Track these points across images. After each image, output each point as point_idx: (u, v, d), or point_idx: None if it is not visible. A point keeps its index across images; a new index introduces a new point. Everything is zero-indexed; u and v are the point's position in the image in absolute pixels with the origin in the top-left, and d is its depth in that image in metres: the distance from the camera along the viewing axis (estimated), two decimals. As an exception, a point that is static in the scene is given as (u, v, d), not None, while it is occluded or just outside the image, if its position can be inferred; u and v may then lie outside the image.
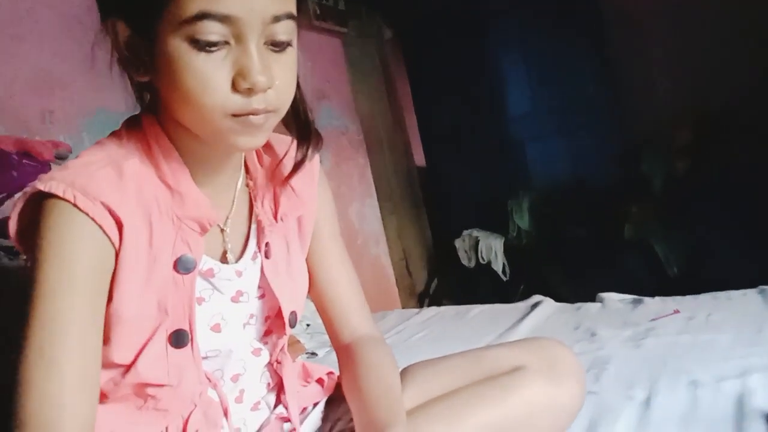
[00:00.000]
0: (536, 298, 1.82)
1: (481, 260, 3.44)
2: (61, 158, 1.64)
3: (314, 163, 0.89)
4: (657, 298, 1.64)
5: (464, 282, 3.44)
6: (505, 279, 3.35)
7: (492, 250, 3.44)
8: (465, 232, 3.49)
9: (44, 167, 1.52)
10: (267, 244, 0.82)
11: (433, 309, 1.99)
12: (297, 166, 0.80)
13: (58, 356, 0.62)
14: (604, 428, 1.02)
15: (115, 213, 0.66)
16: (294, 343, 1.64)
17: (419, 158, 3.73)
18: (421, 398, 0.87)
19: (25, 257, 0.71)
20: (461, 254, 3.52)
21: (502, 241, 3.40)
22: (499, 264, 3.40)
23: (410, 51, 3.68)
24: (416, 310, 2.02)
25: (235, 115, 0.65)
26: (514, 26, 3.36)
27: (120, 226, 0.66)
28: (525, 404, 0.86)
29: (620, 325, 1.49)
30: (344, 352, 0.91)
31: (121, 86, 0.73)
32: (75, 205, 0.64)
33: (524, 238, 3.35)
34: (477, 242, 3.47)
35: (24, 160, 1.52)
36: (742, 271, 1.83)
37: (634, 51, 2.92)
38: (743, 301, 1.50)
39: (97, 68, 0.72)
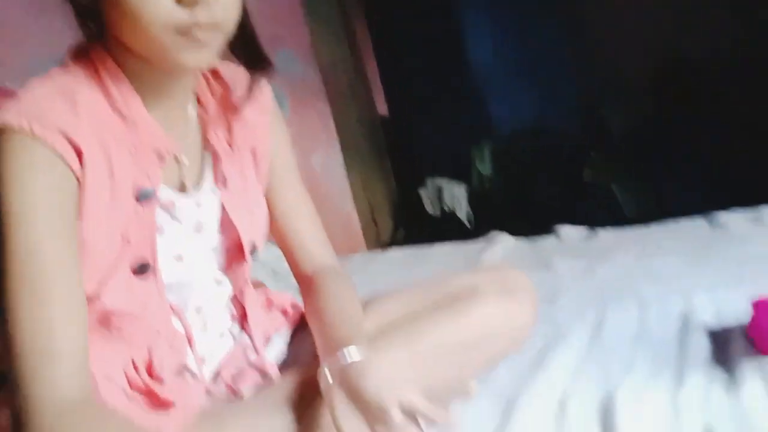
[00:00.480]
0: (494, 233, 1.86)
1: (445, 208, 3.48)
2: (9, 107, 1.60)
3: (266, 95, 0.89)
4: (610, 230, 1.69)
5: (430, 230, 3.48)
6: (469, 226, 3.40)
7: (456, 198, 3.47)
8: (429, 181, 3.51)
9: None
10: (223, 175, 0.82)
11: (397, 250, 2.02)
12: (249, 93, 0.80)
13: (43, 284, 0.62)
14: (557, 350, 1.06)
15: (74, 141, 0.65)
16: (259, 286, 1.65)
17: (382, 108, 3.71)
18: (382, 324, 0.89)
19: None
20: (426, 203, 3.55)
21: (466, 188, 3.44)
22: (463, 212, 3.44)
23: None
24: (380, 251, 2.05)
25: (180, 32, 0.64)
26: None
27: (80, 154, 0.66)
28: (481, 323, 0.89)
29: (574, 255, 1.54)
30: (305, 282, 0.93)
31: (71, 32, 0.71)
32: (32, 135, 0.63)
33: (487, 184, 3.40)
34: (441, 190, 3.50)
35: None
36: (692, 200, 1.89)
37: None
38: (692, 228, 1.56)
39: (47, 13, 0.70)
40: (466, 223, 3.41)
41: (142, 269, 0.72)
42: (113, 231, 0.70)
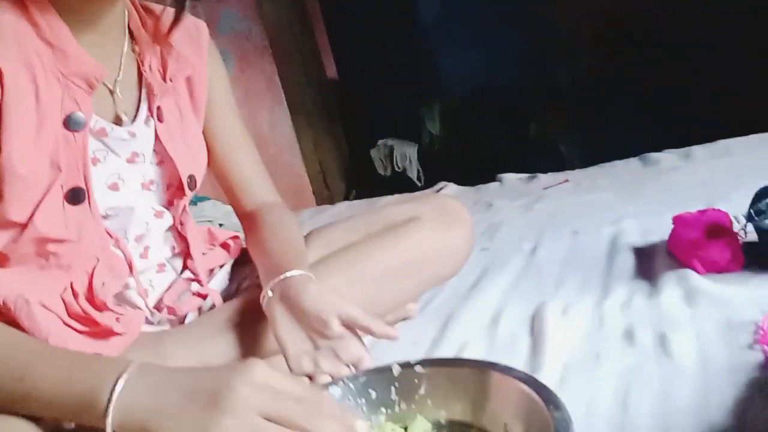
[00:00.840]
0: (441, 184, 1.89)
1: (396, 168, 3.51)
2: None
3: (201, 31, 0.89)
4: (550, 174, 1.75)
5: (381, 191, 3.51)
6: (419, 185, 3.44)
7: (406, 157, 3.50)
8: (380, 142, 3.52)
9: None
10: (159, 108, 0.82)
11: (346, 203, 2.04)
12: (176, 17, 0.80)
13: None
14: (493, 275, 1.11)
15: None
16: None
17: (331, 70, 3.69)
18: (325, 252, 0.91)
19: None
20: (377, 164, 3.57)
21: (416, 148, 3.46)
22: (413, 171, 3.47)
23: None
24: (329, 205, 2.06)
25: None
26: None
27: (0, 78, 0.64)
28: (418, 247, 0.92)
29: (515, 196, 1.59)
30: (248, 218, 0.93)
31: None
32: None
33: (437, 143, 3.43)
34: (392, 151, 3.52)
35: None
36: (630, 146, 1.96)
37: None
38: (626, 167, 1.63)
39: None
40: (416, 181, 3.45)
41: (75, 196, 0.72)
42: (42, 156, 0.69)
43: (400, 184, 3.43)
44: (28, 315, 0.68)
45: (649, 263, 1.02)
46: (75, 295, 0.74)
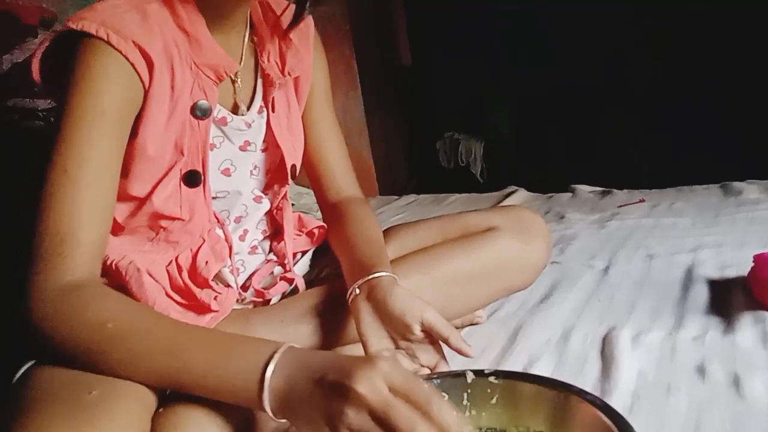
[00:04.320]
0: (511, 188, 1.90)
1: (461, 162, 3.50)
2: (46, 25, 1.62)
3: (309, 26, 0.92)
4: (625, 190, 1.73)
5: (442, 182, 3.51)
6: (482, 181, 3.43)
7: (472, 152, 3.49)
8: (446, 134, 3.52)
9: (30, 30, 1.51)
10: (273, 99, 0.86)
11: (413, 196, 2.07)
12: (296, 17, 0.83)
13: (80, 177, 0.66)
14: (564, 290, 1.12)
15: (146, 52, 0.69)
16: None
17: (406, 57, 3.70)
18: (400, 253, 0.94)
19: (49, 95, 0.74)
20: (441, 156, 3.57)
21: (482, 144, 3.45)
22: (477, 167, 3.46)
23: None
24: (395, 197, 2.09)
25: None
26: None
27: (151, 66, 0.70)
28: (495, 257, 0.94)
29: (588, 210, 1.58)
30: (330, 209, 0.98)
31: None
32: (108, 43, 0.67)
33: (504, 141, 3.41)
34: (458, 144, 3.51)
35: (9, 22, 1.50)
36: (710, 171, 1.92)
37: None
38: (705, 193, 1.60)
39: None
40: (479, 178, 3.44)
41: (192, 179, 0.77)
42: (169, 140, 0.74)
43: (462, 178, 3.43)
44: (138, 282, 0.74)
45: (725, 298, 1.01)
46: (179, 269, 0.80)
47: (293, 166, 0.91)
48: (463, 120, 3.49)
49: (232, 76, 0.82)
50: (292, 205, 0.97)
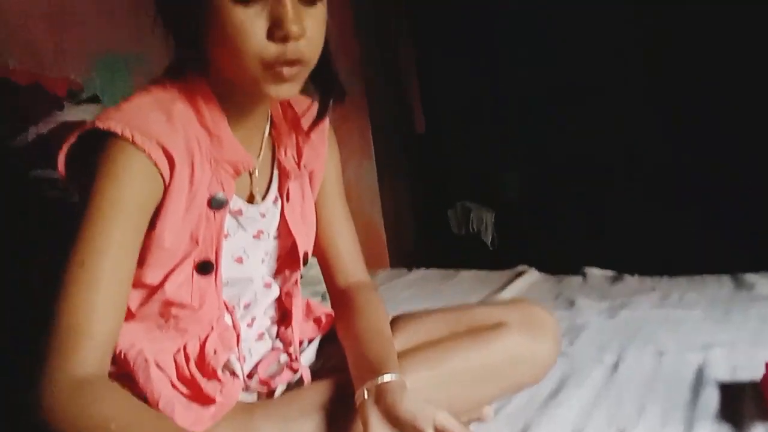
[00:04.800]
0: (521, 267, 1.90)
1: (471, 230, 3.52)
2: (73, 96, 1.68)
3: (324, 121, 0.94)
4: (636, 276, 1.72)
5: (452, 249, 3.52)
6: (492, 250, 3.44)
7: (483, 221, 3.51)
8: (458, 203, 3.56)
9: (56, 102, 1.56)
10: (288, 190, 0.89)
11: (422, 270, 2.07)
12: (319, 116, 0.87)
13: (97, 271, 0.68)
14: (573, 386, 1.11)
15: (168, 151, 0.72)
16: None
17: (420, 124, 3.77)
18: (407, 345, 0.94)
19: (70, 188, 0.77)
20: (452, 223, 3.59)
21: (493, 214, 3.48)
22: (488, 236, 3.48)
23: (419, 18, 3.68)
24: (405, 270, 2.10)
25: (270, 66, 0.71)
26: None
27: (172, 164, 0.73)
28: (504, 354, 0.94)
29: (599, 297, 1.57)
30: (338, 297, 0.99)
31: (134, 30, 0.77)
32: (133, 143, 0.70)
33: (514, 212, 3.43)
34: (469, 212, 3.54)
35: (38, 95, 1.56)
36: (720, 257, 1.91)
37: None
38: (717, 284, 1.59)
39: (114, 14, 0.76)
40: (490, 246, 3.44)
41: (205, 268, 0.79)
42: (185, 231, 0.77)
43: (473, 246, 3.44)
44: (145, 373, 0.75)
45: (736, 405, 0.99)
46: (186, 358, 0.81)
47: (305, 253, 0.93)
48: (475, 188, 3.53)
49: (250, 169, 0.85)
50: (301, 276, 0.99)
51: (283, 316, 0.96)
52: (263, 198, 0.88)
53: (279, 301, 0.95)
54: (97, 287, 0.68)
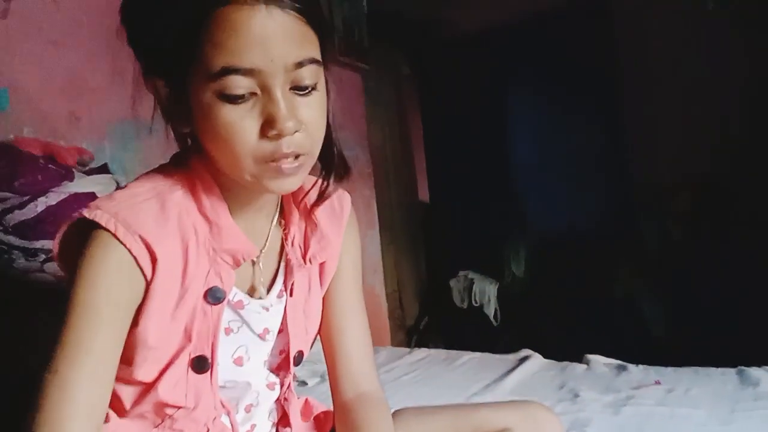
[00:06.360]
0: (525, 352, 1.87)
1: (474, 303, 3.48)
2: (83, 165, 1.70)
3: (344, 207, 0.93)
4: (641, 367, 1.70)
5: (455, 322, 3.48)
6: (495, 324, 3.39)
7: (486, 294, 3.48)
8: (461, 273, 3.53)
9: (68, 173, 1.58)
10: (293, 285, 0.85)
11: (424, 351, 2.04)
12: (321, 195, 0.83)
13: (71, 381, 0.66)
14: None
15: (151, 247, 0.70)
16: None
17: (423, 194, 3.80)
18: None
19: (62, 274, 0.76)
20: (455, 294, 3.55)
21: (497, 286, 3.44)
22: (491, 309, 3.43)
23: (426, 90, 3.77)
24: (407, 349, 2.07)
25: (265, 162, 0.69)
26: (530, 79, 3.46)
27: (154, 261, 0.70)
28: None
29: (603, 389, 1.54)
30: (343, 408, 0.91)
31: (146, 100, 0.76)
32: (115, 236, 0.69)
33: (519, 285, 3.40)
34: (472, 284, 3.51)
35: (49, 165, 1.58)
36: (724, 345, 1.89)
37: (642, 115, 3.01)
38: (722, 379, 1.56)
39: (124, 80, 0.77)
40: (492, 320, 3.40)
41: (199, 364, 0.76)
42: (177, 326, 0.74)
43: (475, 318, 3.40)
44: None
45: None
46: (182, 460, 0.77)
47: (299, 353, 0.88)
48: (478, 260, 3.51)
49: (254, 259, 0.82)
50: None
51: (282, 416, 0.92)
52: (267, 291, 0.84)
53: (278, 401, 0.91)
54: (71, 401, 0.66)
